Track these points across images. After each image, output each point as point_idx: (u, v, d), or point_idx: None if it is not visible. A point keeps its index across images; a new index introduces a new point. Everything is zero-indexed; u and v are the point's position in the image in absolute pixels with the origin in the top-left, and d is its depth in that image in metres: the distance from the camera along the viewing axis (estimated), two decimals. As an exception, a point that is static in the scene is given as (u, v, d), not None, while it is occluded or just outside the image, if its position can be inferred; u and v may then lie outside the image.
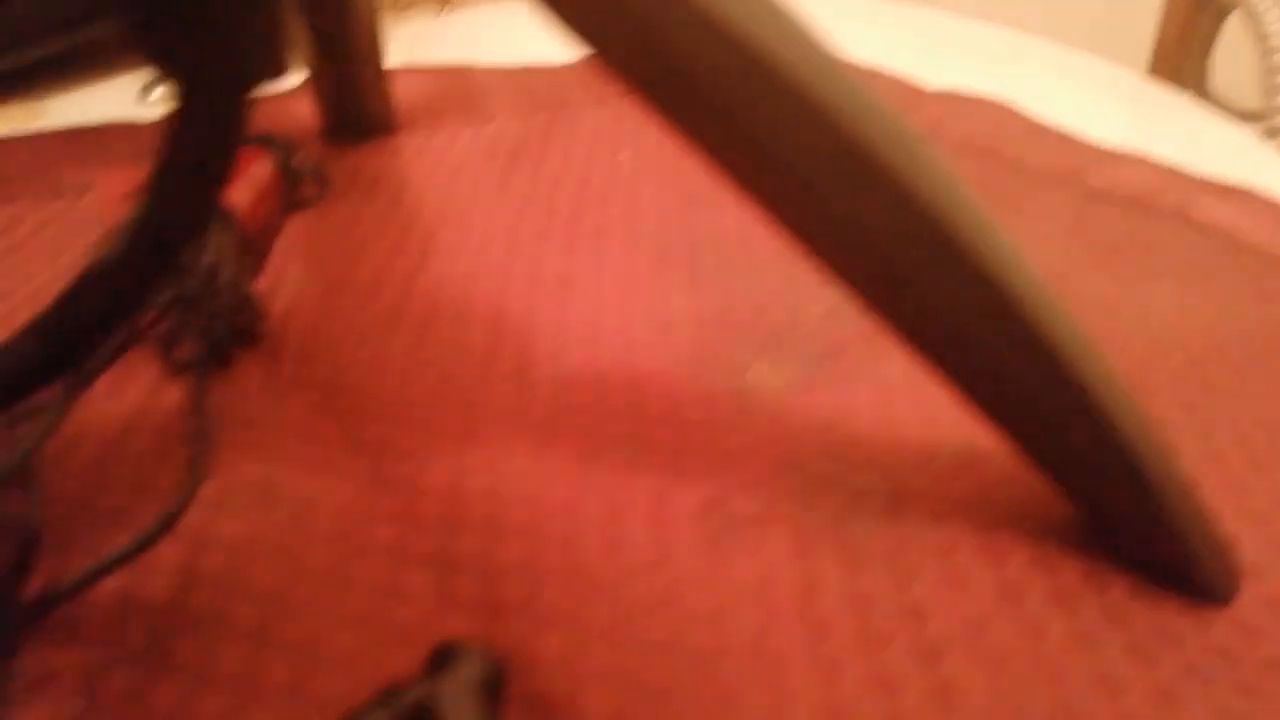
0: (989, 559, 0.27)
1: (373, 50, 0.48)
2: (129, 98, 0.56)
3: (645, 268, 0.40)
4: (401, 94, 0.52)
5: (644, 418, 0.32)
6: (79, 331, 0.24)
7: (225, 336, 0.33)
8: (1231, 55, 1.22)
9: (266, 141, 0.42)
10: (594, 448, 0.31)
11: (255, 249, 0.39)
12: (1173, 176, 0.49)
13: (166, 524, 0.25)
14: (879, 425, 0.32)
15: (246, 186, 0.39)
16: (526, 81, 0.58)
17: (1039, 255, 0.38)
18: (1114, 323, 0.37)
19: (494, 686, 0.21)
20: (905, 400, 0.33)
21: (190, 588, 0.25)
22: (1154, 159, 0.50)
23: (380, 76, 0.49)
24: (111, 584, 0.25)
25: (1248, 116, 1.01)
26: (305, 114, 0.51)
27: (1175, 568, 0.26)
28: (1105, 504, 0.27)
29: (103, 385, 0.33)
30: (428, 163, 0.48)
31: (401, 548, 0.27)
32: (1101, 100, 0.58)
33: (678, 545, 0.27)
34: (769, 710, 0.23)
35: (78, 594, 0.24)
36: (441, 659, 0.21)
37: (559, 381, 0.34)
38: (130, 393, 0.33)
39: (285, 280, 0.39)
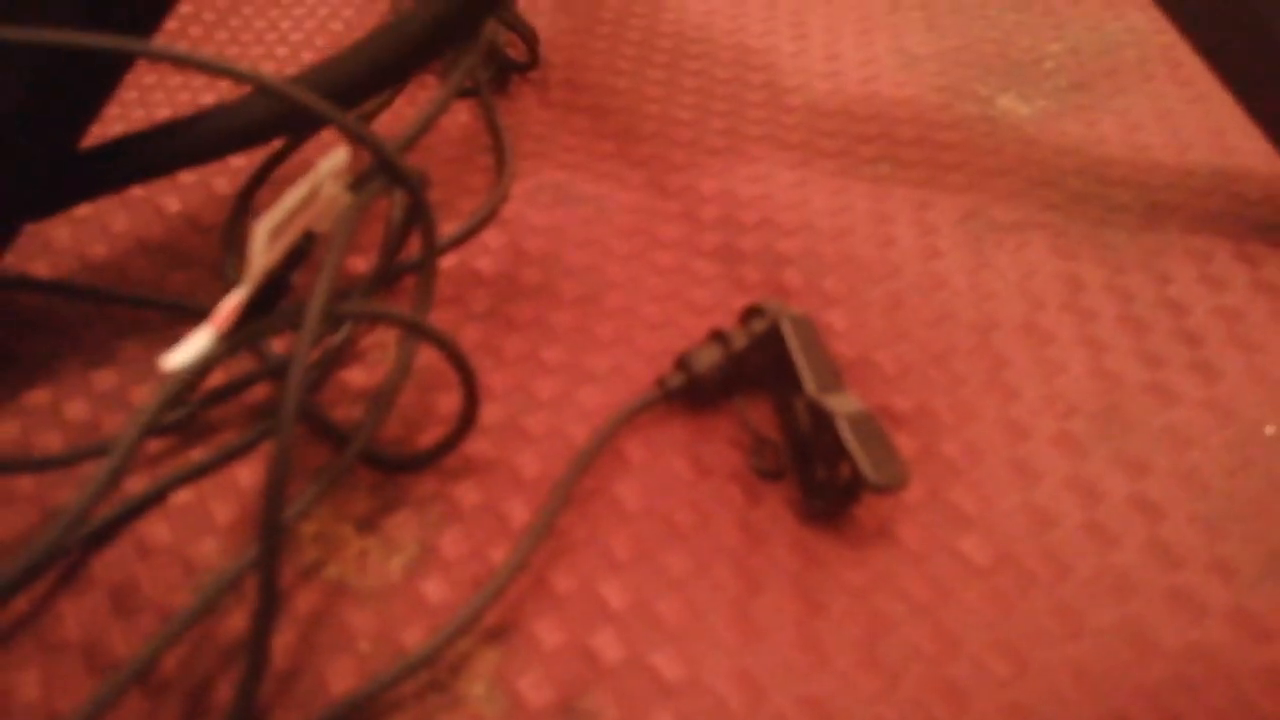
0: (1245, 261, 0.29)
1: None
2: None
3: (881, 9, 0.41)
4: None
5: (897, 140, 0.34)
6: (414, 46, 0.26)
7: (506, 60, 0.36)
8: None
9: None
10: (852, 164, 0.33)
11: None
12: None
13: (492, 211, 0.29)
14: (1130, 150, 0.33)
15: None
16: None
17: None
18: None
19: (808, 333, 0.24)
20: (1154, 130, 0.34)
21: (519, 264, 0.29)
22: None
23: None
24: (449, 261, 0.29)
25: None
26: None
27: None
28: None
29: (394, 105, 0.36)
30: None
31: (690, 242, 0.30)
32: None
33: (943, 246, 0.29)
34: (1039, 376, 0.26)
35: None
36: (755, 313, 0.24)
37: (809, 109, 0.35)
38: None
39: (539, 11, 0.41)
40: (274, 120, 0.23)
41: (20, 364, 0.25)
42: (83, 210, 0.30)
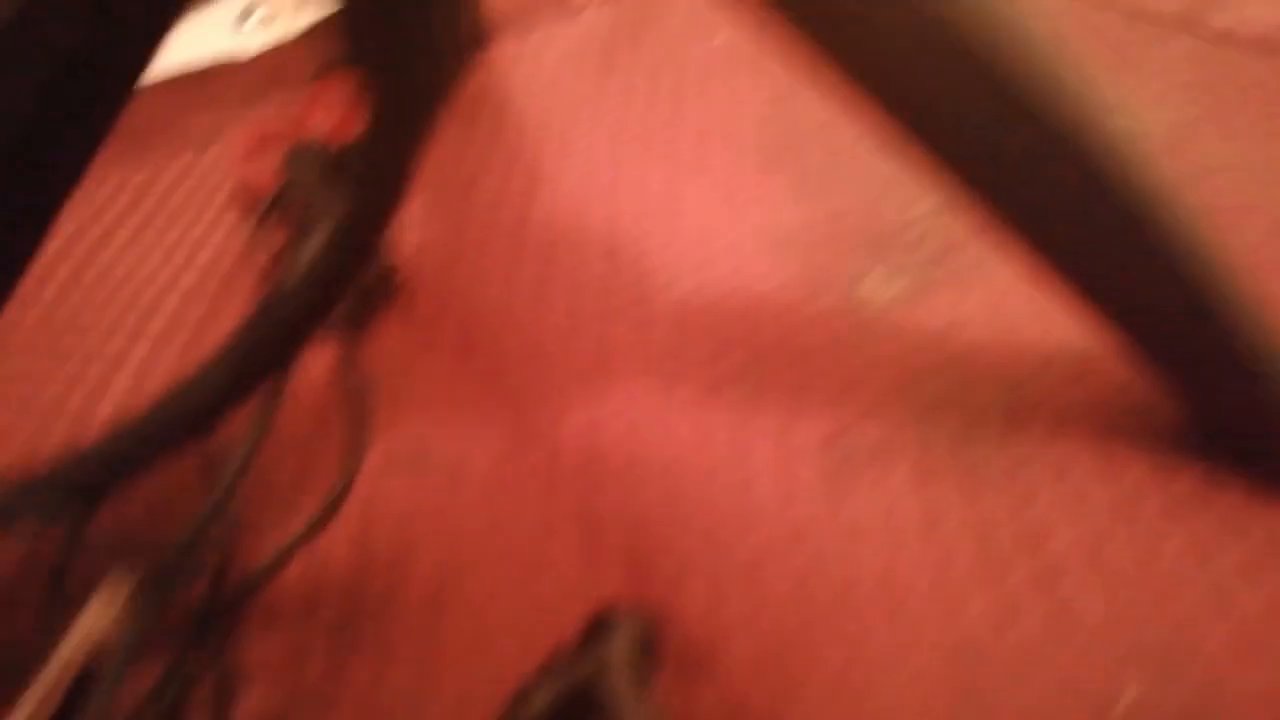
0: (1105, 474, 0.28)
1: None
2: (226, 26, 0.57)
3: (751, 176, 0.41)
4: (490, -2, 0.52)
5: (761, 346, 0.33)
6: (265, 357, 0.26)
7: (363, 301, 0.36)
8: None
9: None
10: (716, 381, 0.32)
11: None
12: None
13: (335, 505, 0.28)
14: (994, 332, 0.33)
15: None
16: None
17: (1159, 114, 0.38)
18: (1235, 194, 0.36)
19: (648, 649, 0.24)
20: (1018, 300, 0.33)
21: (366, 565, 0.28)
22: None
23: (470, -12, 0.49)
24: (296, 567, 0.28)
25: None
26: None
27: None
28: (1216, 395, 0.27)
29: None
30: (524, 73, 0.49)
31: (549, 503, 0.29)
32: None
33: (802, 484, 0.29)
34: (898, 646, 0.25)
35: (268, 581, 0.27)
36: (598, 628, 0.24)
37: (676, 312, 0.35)
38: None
39: (409, 221, 0.41)
40: None
41: None
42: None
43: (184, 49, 0.55)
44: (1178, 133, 0.39)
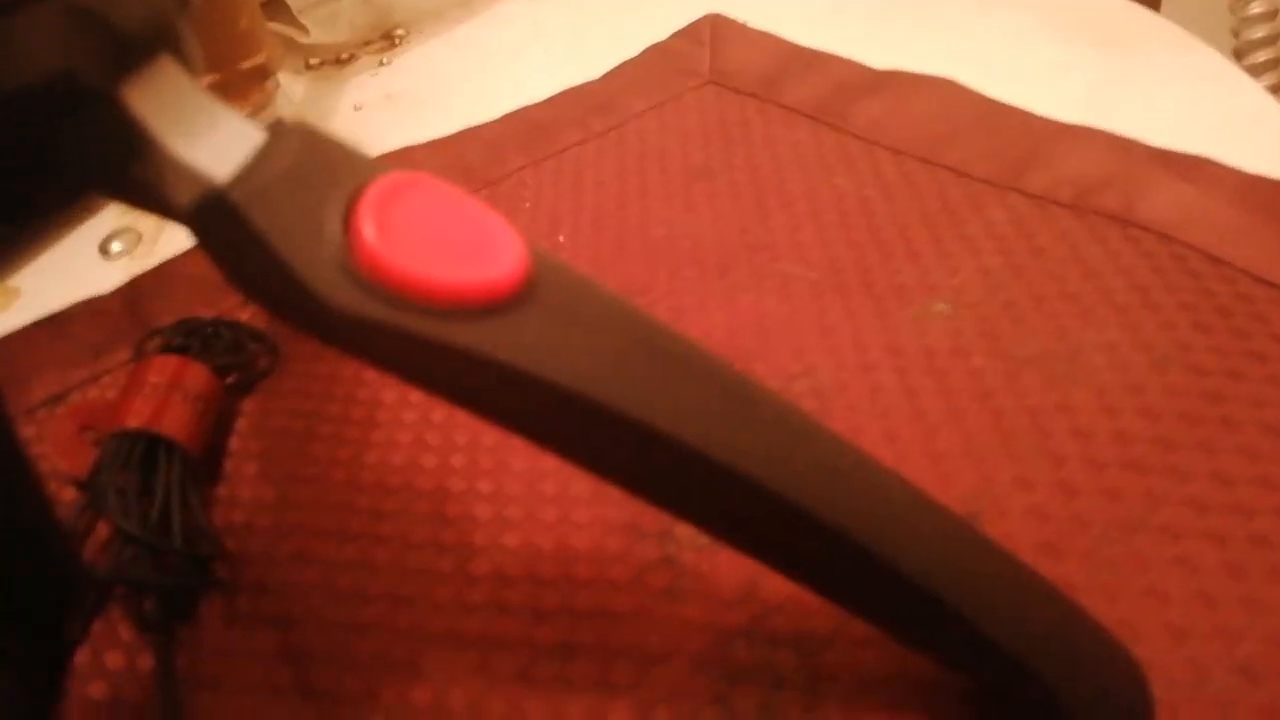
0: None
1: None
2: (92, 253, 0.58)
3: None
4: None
5: (576, 616, 0.33)
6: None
7: (181, 591, 0.35)
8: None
9: (194, 343, 0.43)
10: (530, 662, 0.32)
11: (206, 466, 0.40)
12: (1123, 156, 0.47)
13: None
14: (791, 590, 0.33)
15: (183, 408, 0.40)
16: (459, 153, 0.57)
17: (974, 262, 0.38)
18: (1045, 392, 0.36)
19: None
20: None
21: None
22: (1107, 133, 0.48)
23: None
24: None
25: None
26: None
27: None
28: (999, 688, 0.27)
29: (82, 656, 0.35)
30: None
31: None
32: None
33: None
34: None
35: None
36: None
37: (495, 578, 0.35)
38: (110, 659, 0.35)
39: (242, 484, 0.41)
40: None
41: None
42: None
43: (44, 285, 0.55)
44: (990, 327, 0.40)
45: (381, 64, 0.70)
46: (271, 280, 0.20)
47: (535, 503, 0.37)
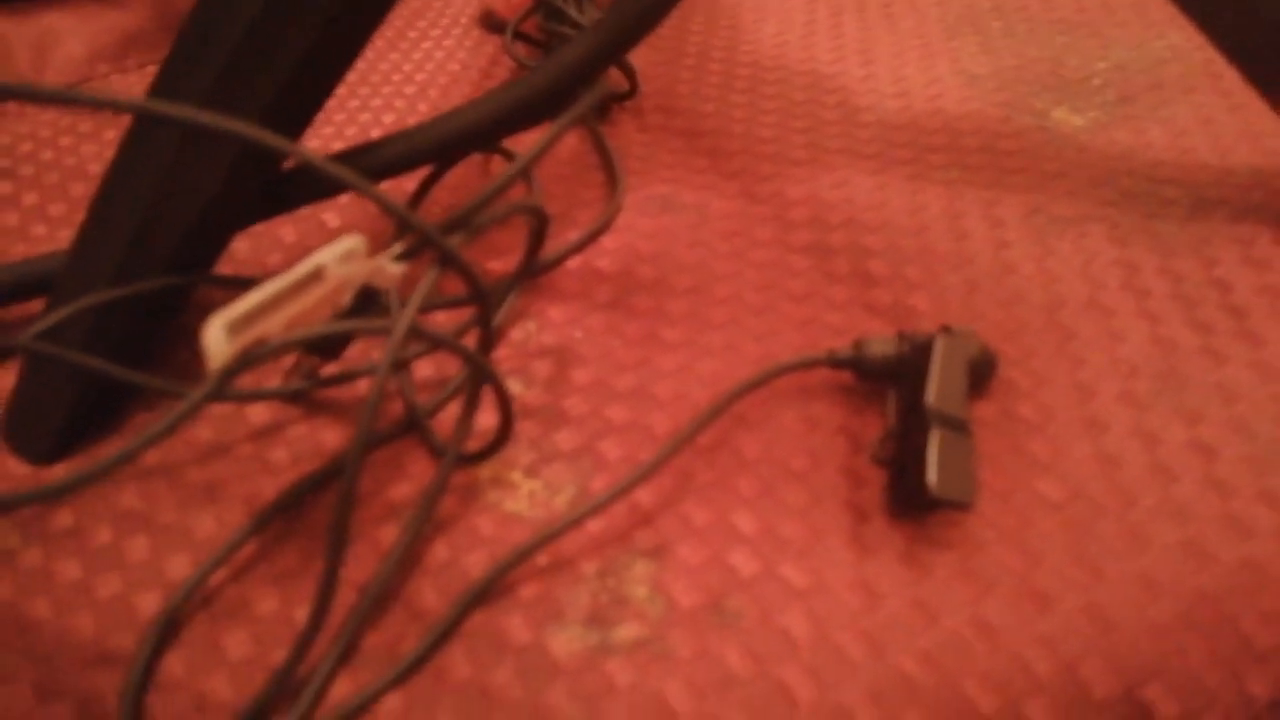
0: (1287, 246, 0.32)
1: None
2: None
3: (937, 37, 0.45)
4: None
5: (964, 150, 0.38)
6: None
7: (606, 90, 0.40)
8: None
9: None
10: (925, 170, 0.37)
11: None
12: None
13: (610, 218, 0.33)
14: (1176, 153, 0.37)
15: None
16: None
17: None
18: None
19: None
20: (1198, 135, 0.37)
21: (635, 263, 0.33)
22: None
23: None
24: (574, 262, 0.33)
25: None
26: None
27: None
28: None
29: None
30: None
31: (783, 240, 0.34)
32: None
33: (1011, 235, 0.33)
34: (1102, 346, 0.29)
35: (554, 267, 0.32)
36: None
37: (882, 125, 0.39)
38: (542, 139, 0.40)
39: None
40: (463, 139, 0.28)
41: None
42: (257, 226, 0.35)
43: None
44: None
45: None
46: None
47: (910, 84, 0.42)
